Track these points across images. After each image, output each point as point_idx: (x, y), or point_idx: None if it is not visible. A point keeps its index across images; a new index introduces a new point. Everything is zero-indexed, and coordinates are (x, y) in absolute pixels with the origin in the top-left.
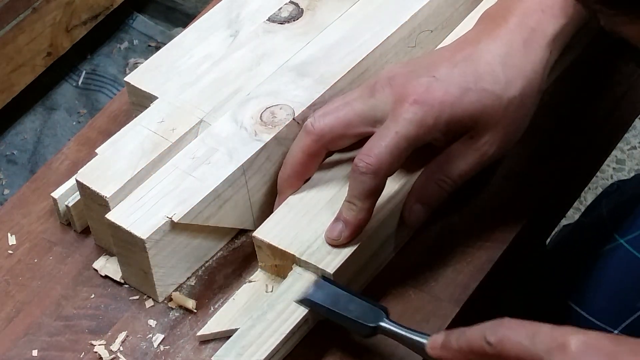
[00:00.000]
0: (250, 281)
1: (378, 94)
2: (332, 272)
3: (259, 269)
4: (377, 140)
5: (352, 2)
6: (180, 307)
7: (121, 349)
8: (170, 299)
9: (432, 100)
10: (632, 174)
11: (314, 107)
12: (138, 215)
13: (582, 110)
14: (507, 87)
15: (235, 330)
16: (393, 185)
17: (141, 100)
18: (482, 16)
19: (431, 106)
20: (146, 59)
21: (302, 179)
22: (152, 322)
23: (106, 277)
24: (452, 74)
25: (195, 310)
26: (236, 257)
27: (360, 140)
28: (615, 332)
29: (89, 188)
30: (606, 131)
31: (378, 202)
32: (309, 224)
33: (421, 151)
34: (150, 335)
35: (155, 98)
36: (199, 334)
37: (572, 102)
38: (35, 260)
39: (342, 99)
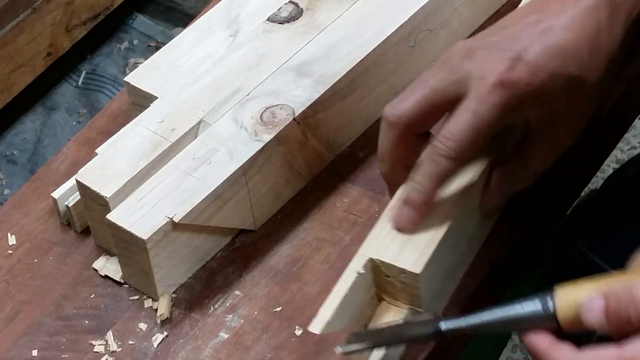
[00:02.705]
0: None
1: (456, 69)
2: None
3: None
4: (458, 122)
5: (352, 2)
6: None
7: (121, 349)
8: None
9: (517, 82)
10: None
11: (314, 107)
12: (139, 216)
13: None
14: (590, 73)
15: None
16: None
17: (141, 100)
18: None
19: (517, 89)
20: (146, 59)
21: (405, 168)
22: (152, 322)
23: (106, 277)
24: (538, 53)
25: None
26: (236, 257)
27: None
28: None
29: (89, 188)
30: (606, 131)
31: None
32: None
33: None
34: (150, 335)
35: (155, 98)
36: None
37: None
38: (35, 260)
39: (418, 80)
